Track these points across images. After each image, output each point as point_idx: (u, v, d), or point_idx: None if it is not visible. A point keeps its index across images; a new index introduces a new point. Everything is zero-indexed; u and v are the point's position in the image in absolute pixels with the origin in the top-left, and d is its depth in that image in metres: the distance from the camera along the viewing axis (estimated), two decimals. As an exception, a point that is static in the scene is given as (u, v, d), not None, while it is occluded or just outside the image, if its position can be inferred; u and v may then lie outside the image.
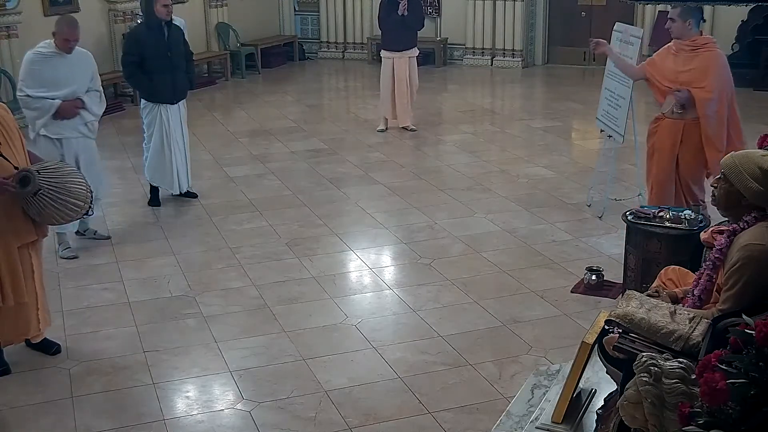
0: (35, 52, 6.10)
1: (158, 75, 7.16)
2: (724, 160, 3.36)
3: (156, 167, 7.48)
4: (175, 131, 7.43)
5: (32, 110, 6.11)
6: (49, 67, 6.07)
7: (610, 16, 12.92)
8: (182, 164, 7.54)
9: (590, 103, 10.48)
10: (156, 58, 7.12)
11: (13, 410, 4.36)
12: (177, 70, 7.28)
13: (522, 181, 8.18)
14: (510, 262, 6.15)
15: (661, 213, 5.23)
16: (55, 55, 6.08)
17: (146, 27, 7.33)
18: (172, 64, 7.22)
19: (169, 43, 7.21)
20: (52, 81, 6.07)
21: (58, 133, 6.21)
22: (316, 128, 10.62)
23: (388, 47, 10.19)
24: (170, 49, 7.20)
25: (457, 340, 4.98)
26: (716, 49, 5.96)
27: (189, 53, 7.57)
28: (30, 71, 6.06)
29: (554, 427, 3.59)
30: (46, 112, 6.09)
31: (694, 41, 5.90)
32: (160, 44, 7.16)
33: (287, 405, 4.36)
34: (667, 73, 6.00)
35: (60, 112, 6.13)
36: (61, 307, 5.54)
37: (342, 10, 15.81)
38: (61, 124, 6.19)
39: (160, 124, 7.35)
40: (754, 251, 3.15)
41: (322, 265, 6.18)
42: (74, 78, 6.17)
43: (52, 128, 6.18)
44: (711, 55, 5.90)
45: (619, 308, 3.30)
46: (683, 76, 5.90)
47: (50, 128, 6.17)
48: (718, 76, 5.88)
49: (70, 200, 4.65)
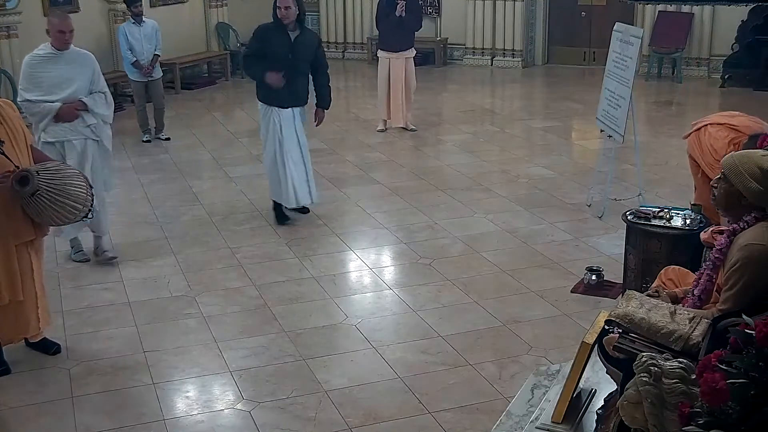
0: (32, 55, 5.95)
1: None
2: (724, 160, 3.36)
3: (273, 179, 6.99)
4: (289, 139, 6.89)
5: (33, 115, 5.98)
6: (47, 69, 5.90)
7: (610, 16, 12.93)
8: (301, 175, 6.97)
9: (590, 103, 10.49)
10: (275, 59, 6.70)
11: (13, 410, 4.36)
12: (297, 75, 6.81)
13: (522, 181, 8.17)
14: (510, 262, 6.15)
15: (661, 213, 5.23)
16: (53, 56, 5.90)
17: (272, 26, 6.87)
18: (293, 67, 6.76)
19: (293, 45, 6.75)
20: (50, 83, 5.89)
21: (60, 136, 6.02)
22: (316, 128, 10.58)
23: (384, 48, 10.18)
24: (292, 52, 6.74)
25: (457, 340, 4.98)
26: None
27: (319, 62, 6.99)
28: (28, 75, 5.92)
29: (554, 427, 3.59)
30: (46, 115, 5.91)
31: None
32: (281, 46, 6.71)
33: (287, 405, 4.36)
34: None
35: (60, 115, 5.92)
36: (61, 307, 5.54)
37: (342, 10, 15.81)
38: (62, 127, 6.00)
39: (273, 132, 6.88)
40: (754, 251, 3.15)
41: (322, 265, 6.18)
42: (73, 79, 5.97)
43: (53, 132, 6.00)
44: None
45: (619, 308, 3.30)
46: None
47: (51, 132, 6.00)
48: None
49: (69, 202, 4.64)
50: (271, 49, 6.74)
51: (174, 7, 13.37)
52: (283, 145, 6.88)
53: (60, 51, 5.92)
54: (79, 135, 6.06)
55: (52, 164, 4.80)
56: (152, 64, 9.89)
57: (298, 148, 6.98)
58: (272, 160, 6.94)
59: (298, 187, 6.94)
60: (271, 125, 6.89)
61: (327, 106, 7.14)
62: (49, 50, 5.93)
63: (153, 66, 9.91)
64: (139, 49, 9.80)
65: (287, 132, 6.90)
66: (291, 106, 6.90)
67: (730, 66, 12.75)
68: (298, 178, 6.94)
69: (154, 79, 9.99)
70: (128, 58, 9.84)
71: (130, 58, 9.81)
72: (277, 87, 6.71)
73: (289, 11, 6.70)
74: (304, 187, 7.01)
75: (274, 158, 6.92)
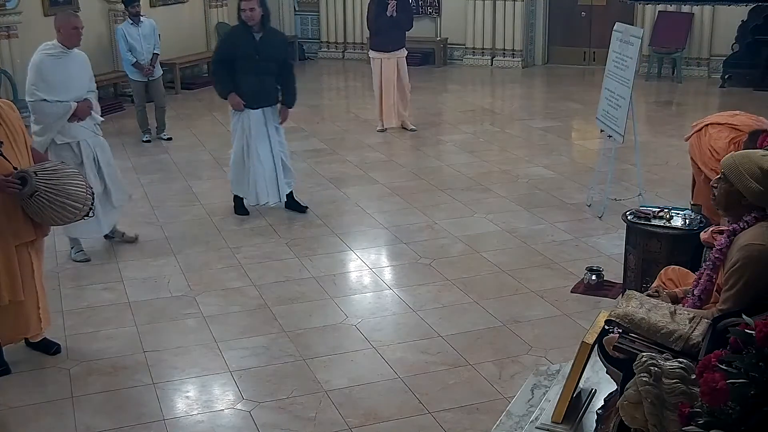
0: (43, 53, 5.93)
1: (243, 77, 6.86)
2: (724, 160, 3.36)
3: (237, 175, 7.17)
4: (258, 139, 7.01)
5: (48, 115, 5.91)
6: (59, 68, 5.92)
7: (610, 16, 12.94)
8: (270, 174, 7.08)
9: (590, 103, 10.49)
10: (243, 61, 6.82)
11: (13, 410, 4.36)
12: (265, 76, 6.90)
13: (522, 181, 8.18)
14: (510, 262, 6.15)
15: (661, 213, 5.23)
16: (63, 54, 5.95)
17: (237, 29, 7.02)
18: (260, 68, 6.86)
19: (260, 46, 6.83)
20: (62, 82, 5.92)
21: (74, 136, 6.07)
22: (316, 128, 10.62)
23: (376, 48, 10.18)
24: (259, 53, 6.84)
25: (457, 340, 4.98)
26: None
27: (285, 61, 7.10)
28: (42, 74, 5.90)
29: (554, 427, 3.59)
30: (64, 115, 5.94)
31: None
32: (247, 47, 6.82)
33: (287, 405, 4.36)
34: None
35: (76, 114, 5.99)
36: (61, 307, 5.54)
37: (342, 10, 15.81)
38: (75, 127, 6.05)
39: (241, 130, 7.02)
40: (754, 251, 3.15)
41: (322, 265, 6.18)
42: (78, 78, 6.06)
43: (68, 132, 6.04)
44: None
45: (619, 308, 3.30)
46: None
47: (66, 132, 6.03)
48: None
49: (68, 202, 4.64)
50: (238, 52, 6.86)
51: (174, 7, 13.37)
52: (250, 144, 7.04)
53: (68, 50, 5.97)
54: (90, 133, 6.20)
55: (50, 164, 4.80)
56: (152, 64, 9.90)
57: (268, 148, 7.09)
58: (239, 157, 7.11)
59: (261, 187, 7.10)
60: (239, 124, 7.05)
61: (292, 104, 7.21)
62: (59, 49, 5.96)
63: (153, 65, 9.91)
64: (138, 50, 9.80)
65: (256, 132, 7.03)
66: (260, 107, 7.02)
67: (730, 66, 12.75)
68: (262, 177, 7.09)
69: (155, 79, 9.99)
70: (128, 59, 9.83)
71: (131, 59, 9.81)
72: (237, 109, 6.95)
73: (254, 12, 6.82)
74: (273, 187, 7.15)
75: (241, 156, 7.09)
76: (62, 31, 5.94)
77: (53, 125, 5.97)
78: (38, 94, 5.89)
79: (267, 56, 6.91)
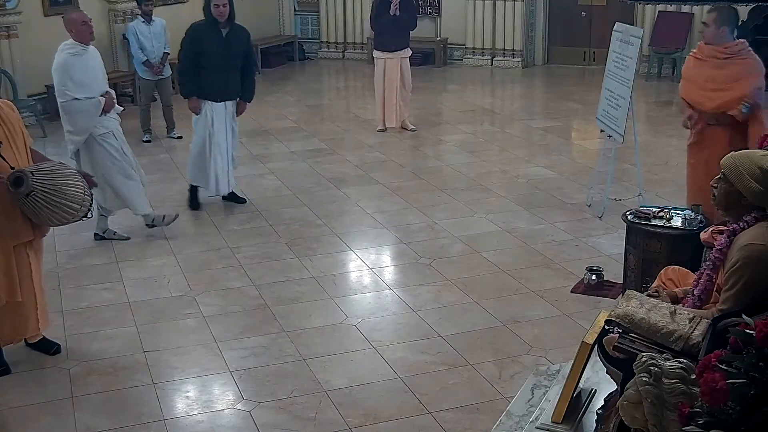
0: (66, 53, 6.11)
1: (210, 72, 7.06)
2: (724, 160, 3.36)
3: (196, 165, 7.40)
4: (219, 131, 7.26)
5: (81, 113, 6.16)
6: (83, 65, 6.13)
7: (610, 16, 12.94)
8: (225, 166, 7.36)
9: (590, 103, 10.49)
10: (210, 56, 7.05)
11: (13, 410, 4.36)
12: (231, 71, 7.15)
13: (522, 181, 8.17)
14: (510, 262, 6.15)
15: (661, 213, 5.23)
16: (83, 51, 6.14)
17: (204, 25, 7.24)
18: (227, 64, 7.11)
19: (227, 42, 7.09)
20: (89, 78, 6.16)
21: (108, 126, 6.33)
22: (316, 128, 10.62)
23: (380, 48, 10.16)
24: (226, 48, 7.09)
25: (457, 340, 4.98)
26: (753, 56, 5.70)
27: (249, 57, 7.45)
28: (69, 73, 6.09)
29: (554, 427, 3.59)
30: (97, 110, 6.18)
31: (727, 48, 5.69)
32: (215, 43, 7.07)
33: (287, 405, 4.36)
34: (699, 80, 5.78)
35: (105, 108, 6.23)
36: (61, 307, 5.54)
37: (342, 10, 15.80)
38: (106, 118, 6.31)
39: (204, 121, 7.24)
40: (754, 251, 3.15)
41: (322, 265, 6.18)
42: (99, 72, 6.30)
43: (104, 124, 6.29)
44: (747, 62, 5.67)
45: (619, 308, 3.30)
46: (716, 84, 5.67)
47: (103, 124, 6.28)
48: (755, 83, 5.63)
49: (65, 203, 4.63)
50: (206, 48, 7.07)
51: (174, 7, 13.36)
52: (212, 136, 7.27)
53: (85, 46, 6.16)
54: (117, 122, 6.48)
55: (48, 165, 4.79)
56: (162, 62, 9.93)
57: (225, 140, 7.37)
58: (200, 148, 7.32)
59: (220, 178, 7.36)
60: (203, 116, 7.25)
61: (250, 99, 7.50)
62: (79, 47, 6.13)
63: (163, 64, 9.95)
64: (149, 48, 9.86)
65: (218, 124, 7.27)
66: (223, 100, 7.26)
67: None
68: (222, 168, 7.35)
69: (164, 78, 10.03)
70: (139, 58, 9.89)
71: (141, 58, 9.87)
72: (195, 113, 7.24)
73: (225, 9, 7.08)
74: (225, 178, 7.42)
75: (203, 147, 7.30)
76: (74, 30, 6.09)
77: (89, 121, 6.20)
78: (69, 94, 6.08)
79: (233, 52, 7.16)
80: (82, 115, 6.17)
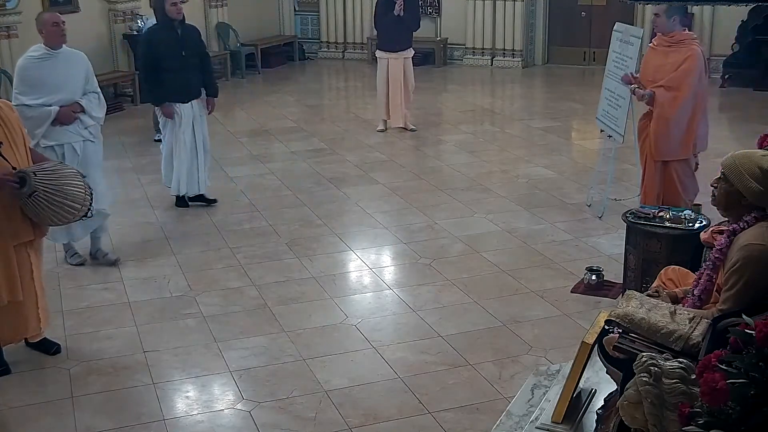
0: (26, 57, 5.80)
1: (171, 74, 7.11)
2: (724, 160, 3.36)
3: (167, 166, 7.43)
4: (186, 132, 7.28)
5: (29, 119, 5.59)
6: (42, 71, 5.74)
7: (610, 16, 12.93)
8: (193, 165, 7.36)
9: (590, 103, 10.48)
10: (169, 58, 7.10)
11: (13, 410, 4.36)
12: (191, 70, 7.22)
13: (522, 181, 8.17)
14: (510, 262, 6.15)
15: (661, 213, 5.23)
16: (48, 56, 5.76)
17: (159, 27, 7.33)
18: (186, 63, 7.16)
19: (182, 42, 7.17)
20: (47, 85, 5.72)
21: (60, 139, 5.87)
22: (316, 128, 10.62)
23: (383, 47, 10.17)
24: (184, 48, 7.15)
25: (457, 340, 4.98)
26: (695, 46, 6.00)
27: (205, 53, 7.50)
28: (24, 78, 5.75)
29: (554, 427, 3.59)
30: (45, 120, 5.74)
31: (672, 36, 6.00)
32: (173, 43, 7.12)
33: (287, 405, 4.36)
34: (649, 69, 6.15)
35: (59, 119, 5.78)
36: (61, 307, 5.54)
37: (342, 10, 15.81)
38: (60, 131, 5.85)
39: (171, 123, 7.28)
40: (754, 251, 3.15)
41: (322, 265, 6.18)
42: (68, 80, 5.84)
43: (51, 135, 5.83)
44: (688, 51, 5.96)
45: (619, 308, 3.30)
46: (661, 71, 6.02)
47: (50, 136, 5.83)
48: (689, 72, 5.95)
49: (67, 202, 4.63)
50: (165, 50, 7.11)
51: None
52: (178, 137, 7.30)
53: (55, 50, 5.78)
54: (78, 137, 5.95)
55: (49, 164, 4.79)
56: None
57: (192, 140, 7.36)
58: (169, 150, 7.38)
59: (184, 178, 7.37)
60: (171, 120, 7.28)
61: (216, 94, 7.58)
62: (43, 51, 5.78)
63: None
64: None
65: (185, 125, 7.30)
66: (189, 100, 7.29)
67: (730, 66, 12.75)
68: (187, 169, 7.35)
69: None
70: None
71: None
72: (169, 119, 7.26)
73: (179, 6, 7.16)
74: (194, 178, 7.42)
75: (171, 149, 7.36)
76: (44, 32, 5.77)
77: (35, 130, 5.70)
78: (20, 98, 5.68)
79: (190, 50, 7.23)
80: (29, 122, 5.54)
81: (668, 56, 6.03)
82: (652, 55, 6.20)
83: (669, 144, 6.05)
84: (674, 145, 6.06)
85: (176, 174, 7.36)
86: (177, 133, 7.28)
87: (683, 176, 6.17)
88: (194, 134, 7.35)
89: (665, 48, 6.07)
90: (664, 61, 6.05)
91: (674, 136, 6.03)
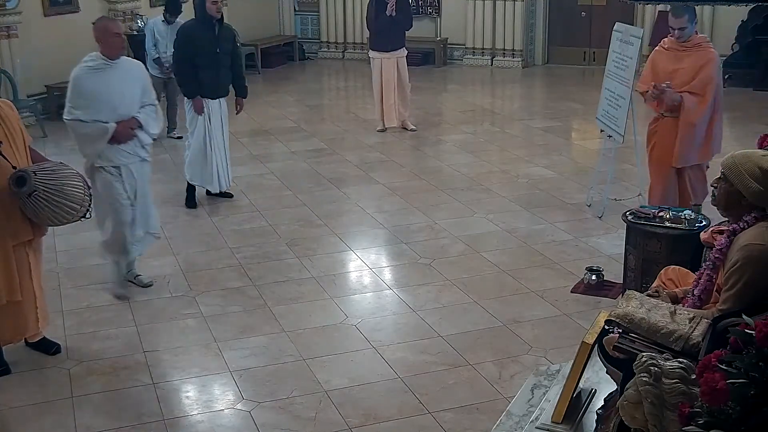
0: (82, 66, 5.32)
1: (204, 70, 7.23)
2: (724, 160, 3.36)
3: (197, 164, 7.47)
4: (216, 128, 7.43)
5: (83, 136, 5.33)
6: (99, 83, 5.30)
7: (610, 16, 12.92)
8: (222, 162, 7.54)
9: (590, 103, 10.48)
10: (204, 54, 7.21)
11: (13, 410, 4.36)
12: (222, 68, 7.34)
13: (522, 181, 8.17)
14: (510, 262, 6.15)
15: (661, 213, 5.23)
16: (105, 66, 5.33)
17: (197, 23, 7.39)
18: (219, 61, 7.29)
19: (218, 40, 7.27)
20: (104, 98, 5.28)
21: (118, 160, 5.43)
22: (316, 128, 10.62)
23: (376, 48, 10.18)
24: (219, 46, 7.28)
25: (457, 340, 4.98)
26: (711, 49, 5.98)
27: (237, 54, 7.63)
28: (79, 90, 5.29)
29: (554, 427, 3.59)
30: (100, 137, 5.30)
31: (689, 39, 5.95)
32: (209, 40, 7.23)
33: (287, 405, 4.36)
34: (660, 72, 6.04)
35: (116, 137, 5.32)
36: (61, 307, 5.54)
37: (342, 10, 15.80)
38: (116, 150, 5.39)
39: (202, 120, 7.37)
40: (754, 251, 3.15)
41: (322, 265, 6.18)
42: (126, 92, 5.39)
43: (108, 155, 5.39)
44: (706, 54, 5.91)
45: (619, 308, 3.30)
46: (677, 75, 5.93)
47: (106, 156, 5.39)
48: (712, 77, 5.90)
49: (66, 203, 4.63)
50: (201, 47, 7.23)
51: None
52: (210, 132, 7.42)
53: (112, 60, 5.37)
54: (135, 158, 5.52)
55: (49, 164, 4.79)
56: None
57: (222, 137, 7.53)
58: (200, 146, 7.44)
59: (221, 173, 7.54)
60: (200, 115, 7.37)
61: (245, 94, 7.77)
62: (100, 61, 5.35)
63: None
64: (163, 47, 9.88)
65: (215, 121, 7.43)
66: (218, 97, 7.45)
67: (730, 66, 12.73)
68: (221, 164, 7.52)
69: (173, 78, 10.03)
70: (152, 54, 9.95)
71: (153, 54, 9.93)
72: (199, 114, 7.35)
73: (219, 6, 7.27)
74: (225, 174, 7.60)
75: (202, 145, 7.43)
76: (102, 41, 5.35)
77: (91, 148, 5.37)
78: (74, 113, 5.29)
79: (224, 49, 7.36)
80: (84, 138, 5.34)
81: (683, 60, 5.93)
82: (663, 57, 6.07)
83: (692, 150, 5.97)
84: (696, 151, 6.00)
85: (214, 172, 7.47)
86: (209, 130, 7.39)
87: (695, 181, 6.11)
88: (222, 132, 7.53)
89: (678, 51, 5.97)
90: (679, 64, 5.94)
91: (697, 142, 5.96)
